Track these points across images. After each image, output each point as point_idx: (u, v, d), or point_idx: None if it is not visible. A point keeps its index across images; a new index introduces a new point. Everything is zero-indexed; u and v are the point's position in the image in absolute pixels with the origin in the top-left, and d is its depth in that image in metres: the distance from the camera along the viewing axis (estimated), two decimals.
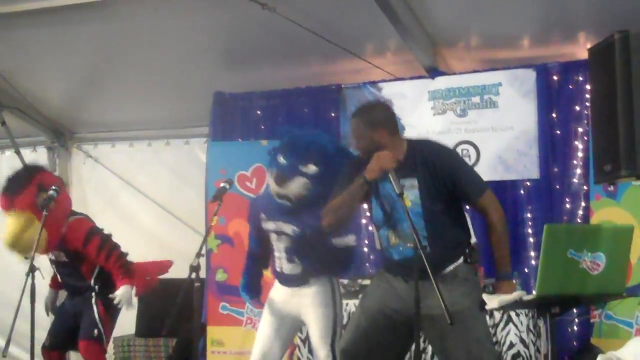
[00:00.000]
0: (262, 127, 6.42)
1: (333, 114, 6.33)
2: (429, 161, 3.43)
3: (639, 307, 4.17)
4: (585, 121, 5.51)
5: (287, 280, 3.99)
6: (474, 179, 3.50)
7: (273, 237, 3.99)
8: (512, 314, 4.66)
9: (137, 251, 6.75)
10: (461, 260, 3.44)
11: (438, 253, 3.34)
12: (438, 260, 3.30)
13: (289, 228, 3.91)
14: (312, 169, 3.83)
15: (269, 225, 4.00)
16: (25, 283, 4.60)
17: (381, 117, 3.55)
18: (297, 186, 3.83)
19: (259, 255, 4.20)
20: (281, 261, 3.97)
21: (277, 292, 4.07)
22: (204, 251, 3.86)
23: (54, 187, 4.83)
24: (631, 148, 2.45)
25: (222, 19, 5.40)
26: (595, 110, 2.65)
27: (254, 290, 4.20)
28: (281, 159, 3.90)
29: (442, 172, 3.40)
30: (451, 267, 3.42)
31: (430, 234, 3.40)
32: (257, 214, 4.09)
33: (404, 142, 3.54)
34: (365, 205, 3.71)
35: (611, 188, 5.16)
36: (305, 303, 3.94)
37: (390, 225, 3.49)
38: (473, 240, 4.05)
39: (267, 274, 4.35)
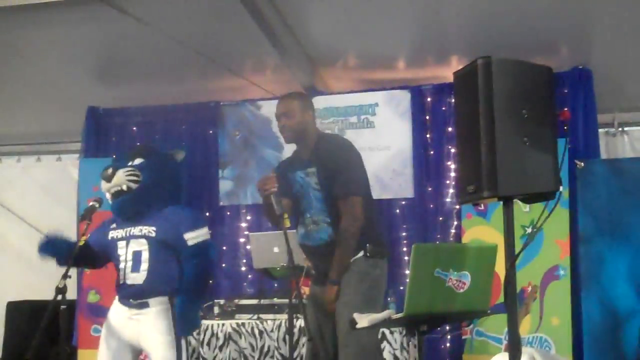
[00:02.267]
0: (138, 143, 6.24)
1: (211, 131, 6.31)
2: (327, 151, 3.70)
3: None
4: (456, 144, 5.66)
5: (127, 294, 3.80)
6: (348, 180, 3.64)
7: (120, 245, 3.84)
8: (387, 332, 4.72)
9: (5, 271, 6.77)
10: (361, 254, 3.62)
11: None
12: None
13: (137, 230, 3.82)
14: (137, 161, 3.87)
15: (118, 233, 3.87)
16: None
17: (311, 104, 3.87)
18: (122, 175, 3.80)
19: (89, 251, 3.97)
20: (125, 271, 3.81)
21: (116, 315, 3.88)
22: (72, 272, 3.73)
23: None
24: (492, 170, 2.49)
25: (96, 32, 5.27)
26: (459, 132, 2.74)
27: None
28: (109, 169, 3.89)
29: (331, 163, 3.67)
30: (351, 261, 3.61)
31: (333, 221, 3.64)
32: (108, 225, 3.96)
33: (316, 134, 3.82)
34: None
35: (481, 207, 5.31)
36: (145, 329, 3.77)
37: (302, 210, 3.75)
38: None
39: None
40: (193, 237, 3.76)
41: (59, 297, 3.53)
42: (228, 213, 6.21)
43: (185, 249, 3.75)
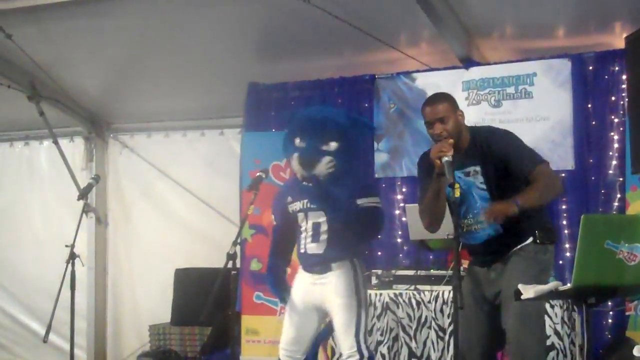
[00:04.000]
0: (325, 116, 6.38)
1: (367, 104, 6.33)
2: (487, 145, 3.57)
3: None
4: (622, 112, 5.44)
5: (309, 263, 3.96)
6: (525, 153, 3.59)
7: (300, 217, 3.97)
8: (547, 305, 4.61)
9: (172, 240, 7.10)
10: (530, 240, 3.58)
11: (510, 234, 3.53)
12: (509, 241, 3.54)
13: (316, 203, 3.93)
14: (333, 145, 3.86)
15: (296, 206, 3.99)
16: (65, 271, 4.66)
17: (456, 102, 3.72)
18: (324, 166, 3.86)
19: (282, 250, 4.17)
20: (306, 241, 3.94)
21: (300, 282, 4.04)
22: (239, 240, 3.90)
23: None
24: None
25: (256, 10, 5.44)
26: (632, 99, 2.60)
27: (282, 289, 4.11)
28: (299, 142, 3.91)
29: (498, 153, 3.53)
30: (518, 247, 3.57)
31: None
32: (284, 200, 4.08)
33: (467, 130, 3.69)
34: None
35: None
36: (328, 292, 3.91)
37: (463, 211, 3.62)
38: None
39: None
40: (364, 202, 3.87)
41: (230, 264, 3.67)
42: (383, 185, 6.23)
43: (356, 210, 3.85)
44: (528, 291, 3.00)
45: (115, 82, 6.86)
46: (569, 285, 2.92)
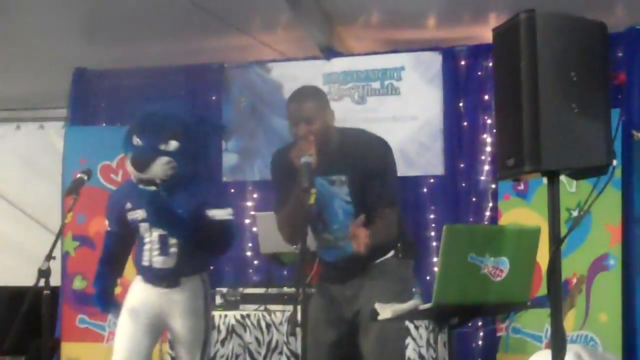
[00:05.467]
0: (131, 110, 6.18)
1: (214, 97, 6.34)
2: (359, 154, 3.56)
3: (549, 319, 4.34)
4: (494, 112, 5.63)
5: (155, 277, 3.92)
6: (384, 188, 3.60)
7: (143, 227, 3.93)
8: (411, 326, 4.75)
9: None
10: (391, 253, 3.64)
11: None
12: (368, 255, 3.44)
13: (153, 218, 3.88)
14: (173, 145, 3.83)
15: (137, 215, 3.95)
16: None
17: (326, 97, 3.71)
18: (160, 167, 3.81)
19: (116, 258, 4.13)
20: (152, 253, 3.91)
21: (140, 293, 3.98)
22: (56, 254, 3.76)
23: None
24: (536, 140, 2.47)
25: None
26: (498, 98, 2.73)
27: (109, 301, 4.06)
28: (137, 141, 3.87)
29: (370, 167, 3.56)
30: (378, 261, 3.62)
31: None
32: (121, 205, 4.02)
33: (337, 132, 3.65)
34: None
35: (521, 187, 5.32)
36: (174, 309, 3.90)
37: (322, 224, 3.64)
38: None
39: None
40: (215, 215, 3.87)
41: (42, 282, 3.53)
42: (232, 190, 6.22)
43: (205, 223, 3.85)
44: (385, 311, 3.01)
45: None
46: (430, 303, 2.93)
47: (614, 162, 2.63)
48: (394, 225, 3.61)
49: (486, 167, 5.77)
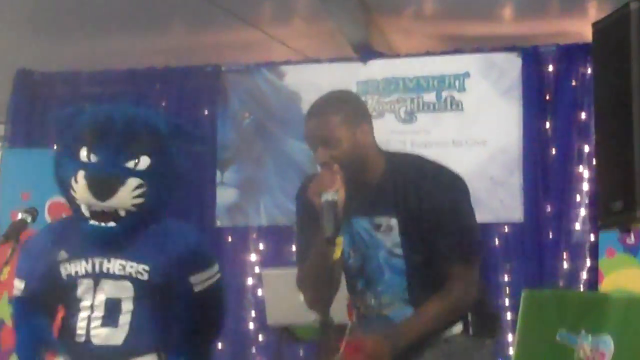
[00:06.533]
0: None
1: (207, 111, 6.10)
2: (414, 189, 3.20)
3: None
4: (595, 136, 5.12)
5: (91, 358, 3.48)
6: (463, 236, 3.26)
7: (84, 286, 3.46)
8: None
9: None
10: (458, 329, 3.28)
11: None
12: None
13: (117, 266, 3.45)
14: (144, 162, 3.43)
15: (76, 268, 3.47)
16: None
17: (363, 109, 3.35)
18: (129, 194, 3.39)
19: (42, 340, 3.58)
20: (90, 324, 3.45)
21: None
22: None
23: None
24: None
25: None
26: (600, 116, 2.76)
27: None
28: (87, 155, 3.40)
29: (433, 207, 3.18)
30: (438, 339, 3.29)
31: (415, 297, 3.24)
32: (52, 255, 3.51)
33: (382, 156, 3.31)
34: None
35: (631, 239, 5.04)
36: None
37: (364, 282, 3.36)
38: None
39: None
40: (201, 280, 3.47)
41: None
42: (229, 239, 6.00)
43: (188, 296, 3.46)
44: None
45: None
46: None
47: None
48: (472, 289, 3.25)
49: (582, 212, 5.54)
